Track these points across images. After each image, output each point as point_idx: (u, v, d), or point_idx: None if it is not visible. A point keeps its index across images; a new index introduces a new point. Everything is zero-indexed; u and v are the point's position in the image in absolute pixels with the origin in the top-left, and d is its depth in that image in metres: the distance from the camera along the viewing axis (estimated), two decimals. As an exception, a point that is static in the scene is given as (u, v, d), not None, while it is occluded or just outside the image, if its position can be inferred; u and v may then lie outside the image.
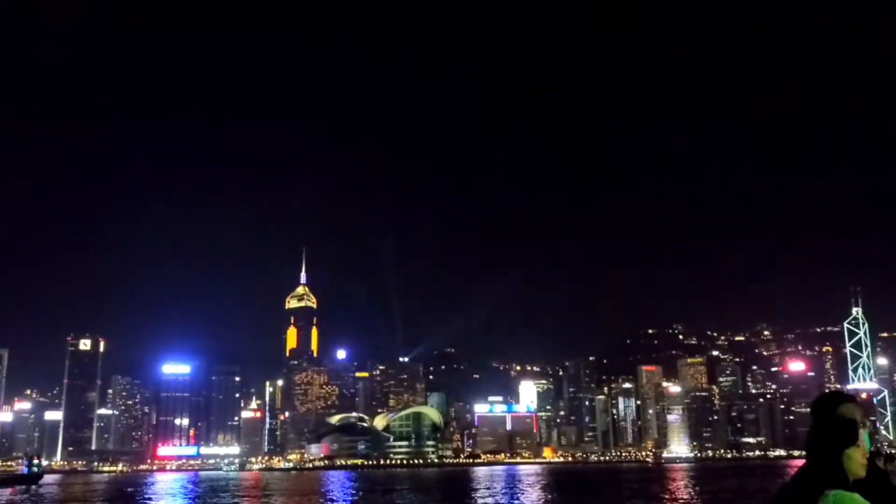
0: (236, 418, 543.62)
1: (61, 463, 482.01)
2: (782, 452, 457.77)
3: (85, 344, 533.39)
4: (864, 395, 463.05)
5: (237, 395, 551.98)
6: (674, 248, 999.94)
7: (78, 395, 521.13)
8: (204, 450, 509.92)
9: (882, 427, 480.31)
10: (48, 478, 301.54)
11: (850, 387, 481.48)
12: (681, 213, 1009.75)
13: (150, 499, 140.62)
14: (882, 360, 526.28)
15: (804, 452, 6.15)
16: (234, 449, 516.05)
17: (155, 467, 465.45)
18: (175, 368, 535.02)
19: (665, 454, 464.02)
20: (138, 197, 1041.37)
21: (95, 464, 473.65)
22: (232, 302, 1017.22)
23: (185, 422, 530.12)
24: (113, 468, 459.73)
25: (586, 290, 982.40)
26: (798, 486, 5.93)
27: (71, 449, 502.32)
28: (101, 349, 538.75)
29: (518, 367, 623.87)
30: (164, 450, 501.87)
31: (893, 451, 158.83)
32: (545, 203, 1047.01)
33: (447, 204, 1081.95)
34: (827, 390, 6.92)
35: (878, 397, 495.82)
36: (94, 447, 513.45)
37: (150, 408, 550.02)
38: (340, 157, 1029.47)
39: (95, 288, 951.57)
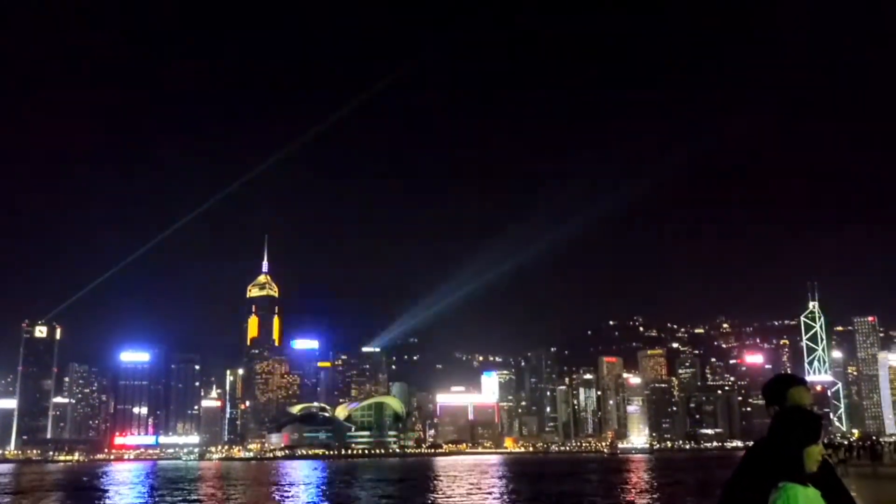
0: (196, 407, 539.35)
1: (15, 452, 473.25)
2: (739, 444, 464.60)
3: (41, 331, 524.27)
4: (819, 388, 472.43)
5: (197, 384, 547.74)
6: (635, 242, 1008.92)
7: (33, 382, 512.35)
8: (163, 439, 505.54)
9: (835, 419, 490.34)
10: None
11: (806, 379, 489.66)
12: (642, 207, 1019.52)
13: (104, 489, 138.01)
14: (837, 354, 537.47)
15: (764, 440, 6.26)
16: (194, 438, 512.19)
17: (112, 457, 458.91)
18: (133, 356, 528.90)
19: (622, 445, 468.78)
20: (96, 182, 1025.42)
21: (50, 453, 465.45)
22: (192, 289, 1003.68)
23: (144, 410, 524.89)
24: (69, 458, 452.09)
25: (548, 283, 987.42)
26: (755, 474, 6.09)
27: (25, 438, 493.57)
28: (58, 336, 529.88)
29: (481, 358, 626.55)
30: (121, 439, 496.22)
31: (846, 442, 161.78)
32: (508, 195, 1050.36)
33: (407, 194, 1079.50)
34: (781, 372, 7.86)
35: (833, 389, 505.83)
36: (49, 436, 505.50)
37: (108, 396, 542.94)
38: (303, 143, 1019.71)
39: (52, 273, 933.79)
